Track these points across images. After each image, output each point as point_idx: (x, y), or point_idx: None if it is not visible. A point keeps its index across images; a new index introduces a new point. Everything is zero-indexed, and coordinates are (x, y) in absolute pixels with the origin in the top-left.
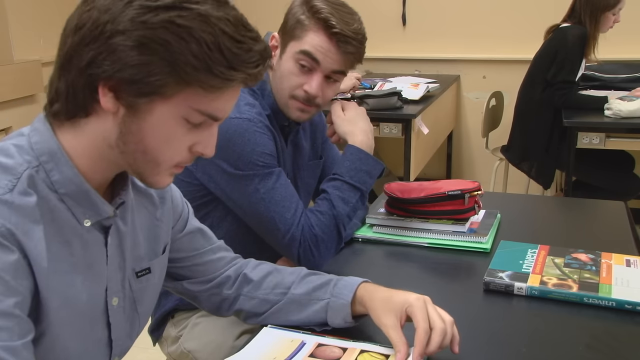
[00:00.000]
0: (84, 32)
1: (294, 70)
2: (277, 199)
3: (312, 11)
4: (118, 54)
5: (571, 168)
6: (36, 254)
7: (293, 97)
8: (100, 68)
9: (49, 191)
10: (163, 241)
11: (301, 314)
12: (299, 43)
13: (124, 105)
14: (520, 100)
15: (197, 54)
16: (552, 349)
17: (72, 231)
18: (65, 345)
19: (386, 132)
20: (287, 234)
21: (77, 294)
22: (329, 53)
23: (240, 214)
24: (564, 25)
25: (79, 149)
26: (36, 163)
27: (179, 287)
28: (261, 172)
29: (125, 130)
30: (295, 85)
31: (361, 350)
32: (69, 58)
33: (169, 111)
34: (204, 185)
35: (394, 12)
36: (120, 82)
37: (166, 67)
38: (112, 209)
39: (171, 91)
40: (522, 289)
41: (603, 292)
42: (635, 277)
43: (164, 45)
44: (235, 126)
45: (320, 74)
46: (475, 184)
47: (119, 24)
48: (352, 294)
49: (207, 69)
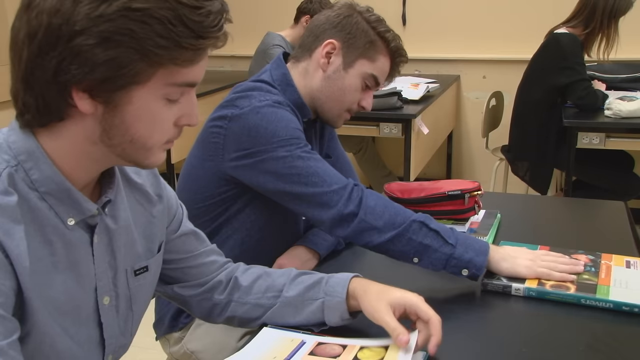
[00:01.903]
0: (40, 41)
1: (358, 88)
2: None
3: (383, 39)
4: (83, 55)
5: (571, 168)
6: (17, 254)
7: (348, 110)
8: (68, 74)
9: (29, 190)
10: (158, 239)
11: (297, 316)
12: (371, 65)
13: (101, 103)
14: (517, 102)
15: (162, 33)
16: (552, 349)
17: (54, 230)
18: (53, 344)
19: (386, 132)
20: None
21: (59, 294)
22: (385, 74)
23: (280, 197)
24: (556, 32)
25: (58, 150)
26: (15, 162)
27: (170, 291)
28: (303, 143)
29: (107, 126)
30: (355, 100)
31: (361, 347)
32: (31, 71)
33: (148, 95)
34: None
35: (394, 12)
36: (93, 82)
37: (135, 55)
38: (95, 207)
39: (146, 76)
40: (520, 290)
41: (601, 294)
42: (635, 278)
43: (128, 34)
44: (262, 110)
45: (372, 91)
46: (475, 184)
47: (74, 24)
48: (346, 290)
49: (177, 45)
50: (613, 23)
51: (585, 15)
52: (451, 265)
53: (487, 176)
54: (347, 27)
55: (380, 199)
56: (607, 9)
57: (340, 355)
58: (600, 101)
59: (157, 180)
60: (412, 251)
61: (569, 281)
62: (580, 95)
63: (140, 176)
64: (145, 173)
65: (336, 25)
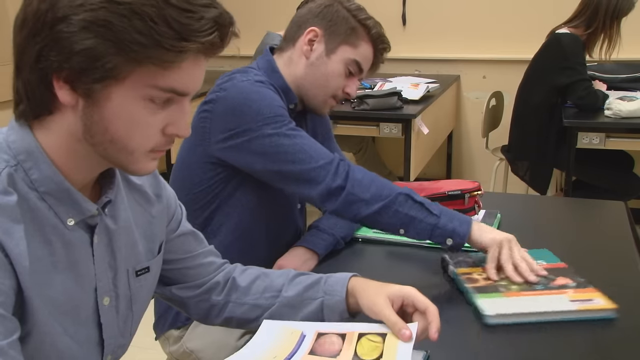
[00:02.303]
0: (29, 26)
1: (342, 73)
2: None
3: (364, 26)
4: (62, 42)
5: (571, 168)
6: (17, 253)
7: (334, 96)
8: (48, 61)
9: (29, 190)
10: (159, 239)
11: (296, 315)
12: (354, 51)
13: (81, 96)
14: (517, 102)
15: (141, 29)
16: (552, 349)
17: (53, 230)
18: (53, 343)
19: (386, 132)
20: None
21: (59, 294)
22: (369, 63)
23: (270, 177)
24: (558, 32)
25: (53, 147)
26: (14, 162)
27: (168, 292)
28: (287, 120)
29: (88, 122)
30: (339, 86)
31: (359, 335)
32: (20, 56)
33: (126, 93)
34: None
35: (394, 12)
36: (71, 71)
37: (112, 48)
38: (95, 208)
39: (124, 72)
40: (452, 272)
41: (479, 298)
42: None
43: (106, 26)
44: (245, 89)
45: (357, 78)
46: (475, 184)
47: (57, 10)
48: (345, 289)
49: (156, 44)
50: (615, 23)
51: (587, 16)
52: (436, 235)
53: (487, 176)
54: (328, 15)
55: (367, 173)
56: (610, 9)
57: (340, 353)
58: (600, 101)
59: (156, 180)
60: (398, 223)
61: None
62: (580, 95)
63: (139, 177)
64: None
65: (317, 14)
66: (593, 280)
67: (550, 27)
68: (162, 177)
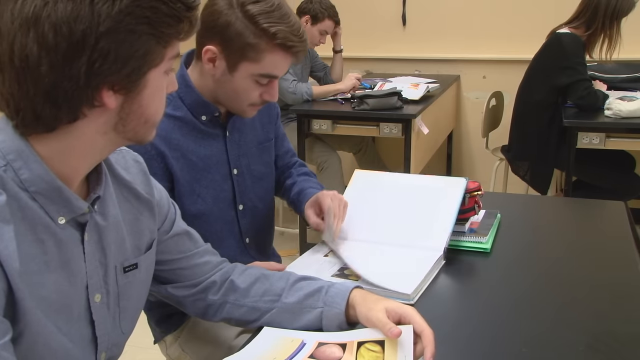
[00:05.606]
0: (64, 51)
1: (251, 87)
2: None
3: (266, 35)
4: (113, 53)
5: (571, 168)
6: (7, 255)
7: (252, 105)
8: (100, 75)
9: (19, 190)
10: (147, 236)
11: (295, 322)
12: (256, 66)
13: (122, 95)
14: (518, 102)
15: (168, 12)
16: (552, 349)
17: (45, 230)
18: (47, 343)
19: (386, 132)
20: None
21: (51, 293)
22: (286, 64)
23: None
24: (559, 32)
25: (51, 149)
26: (4, 162)
27: (163, 291)
28: None
29: (125, 114)
30: (254, 97)
31: (358, 344)
32: (56, 83)
33: (158, 74)
34: None
35: (394, 12)
36: (120, 76)
37: (153, 40)
38: (86, 205)
39: (161, 57)
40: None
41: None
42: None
43: (146, 22)
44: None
45: (277, 81)
46: (475, 184)
47: (98, 25)
48: (345, 302)
49: (179, 20)
50: (615, 24)
51: (587, 16)
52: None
53: (487, 176)
54: (221, 30)
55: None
56: (610, 10)
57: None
58: (600, 101)
59: (146, 178)
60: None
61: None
62: (580, 95)
63: (129, 173)
64: (135, 170)
65: (210, 29)
66: (593, 279)
67: (551, 27)
68: None
